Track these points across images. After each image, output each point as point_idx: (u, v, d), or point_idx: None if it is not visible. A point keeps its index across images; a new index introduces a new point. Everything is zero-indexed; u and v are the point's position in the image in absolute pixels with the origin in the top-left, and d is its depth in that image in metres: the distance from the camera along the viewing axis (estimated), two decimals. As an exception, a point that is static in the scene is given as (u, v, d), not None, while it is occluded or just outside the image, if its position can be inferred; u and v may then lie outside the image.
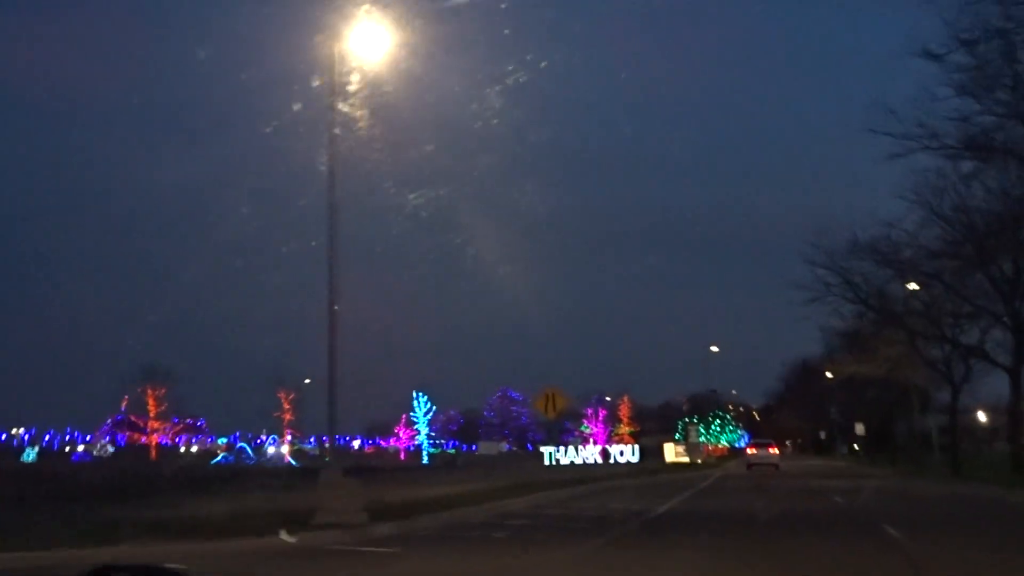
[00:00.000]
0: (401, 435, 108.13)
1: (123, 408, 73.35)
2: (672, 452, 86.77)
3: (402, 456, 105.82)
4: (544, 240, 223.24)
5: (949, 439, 56.21)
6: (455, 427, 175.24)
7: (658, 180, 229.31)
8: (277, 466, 68.71)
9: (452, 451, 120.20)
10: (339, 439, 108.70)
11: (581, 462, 78.71)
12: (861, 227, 43.94)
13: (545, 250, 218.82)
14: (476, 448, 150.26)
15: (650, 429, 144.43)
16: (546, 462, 78.50)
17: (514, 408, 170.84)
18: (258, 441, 77.00)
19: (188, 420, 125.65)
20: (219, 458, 72.92)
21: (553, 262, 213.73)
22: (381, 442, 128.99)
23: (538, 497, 29.68)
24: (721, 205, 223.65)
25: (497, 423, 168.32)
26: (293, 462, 74.94)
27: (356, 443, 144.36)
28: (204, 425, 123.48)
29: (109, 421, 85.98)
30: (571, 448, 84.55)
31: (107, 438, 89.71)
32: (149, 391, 71.69)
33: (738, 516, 23.09)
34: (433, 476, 49.39)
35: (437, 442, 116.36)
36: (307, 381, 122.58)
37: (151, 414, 72.35)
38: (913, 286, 45.62)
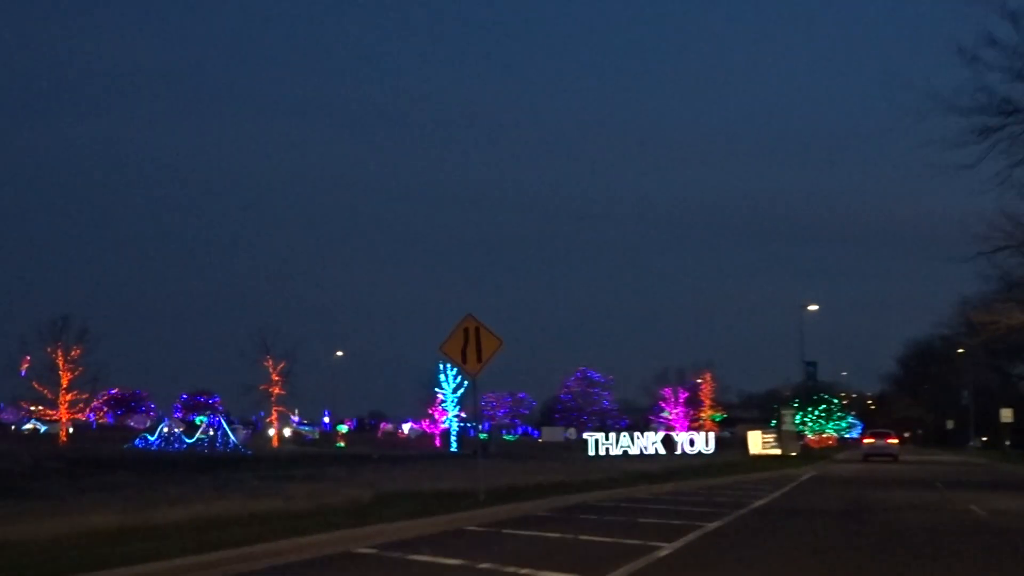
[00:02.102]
0: (436, 417, 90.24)
1: (23, 372, 57.15)
2: (758, 442, 67.42)
3: (437, 441, 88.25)
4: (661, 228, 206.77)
5: None
6: (527, 411, 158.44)
7: (779, 165, 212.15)
8: (215, 452, 51.92)
9: (485, 436, 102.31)
10: (371, 420, 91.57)
11: (638, 453, 61.83)
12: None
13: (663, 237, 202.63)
14: (538, 434, 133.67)
15: (753, 417, 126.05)
16: (590, 452, 62.05)
17: (594, 390, 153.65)
18: (211, 420, 60.39)
19: (199, 396, 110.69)
20: (136, 441, 56.17)
21: (667, 248, 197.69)
22: (416, 425, 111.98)
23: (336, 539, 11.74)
24: (840, 190, 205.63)
25: (575, 407, 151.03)
26: (241, 447, 57.77)
27: (406, 427, 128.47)
28: (218, 403, 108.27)
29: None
30: (626, 436, 66.48)
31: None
32: (59, 352, 55.09)
33: None
34: (390, 471, 31.08)
35: (473, 426, 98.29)
36: (339, 354, 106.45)
37: (62, 383, 55.63)
38: None
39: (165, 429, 57.54)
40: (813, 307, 69.07)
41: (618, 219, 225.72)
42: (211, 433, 56.38)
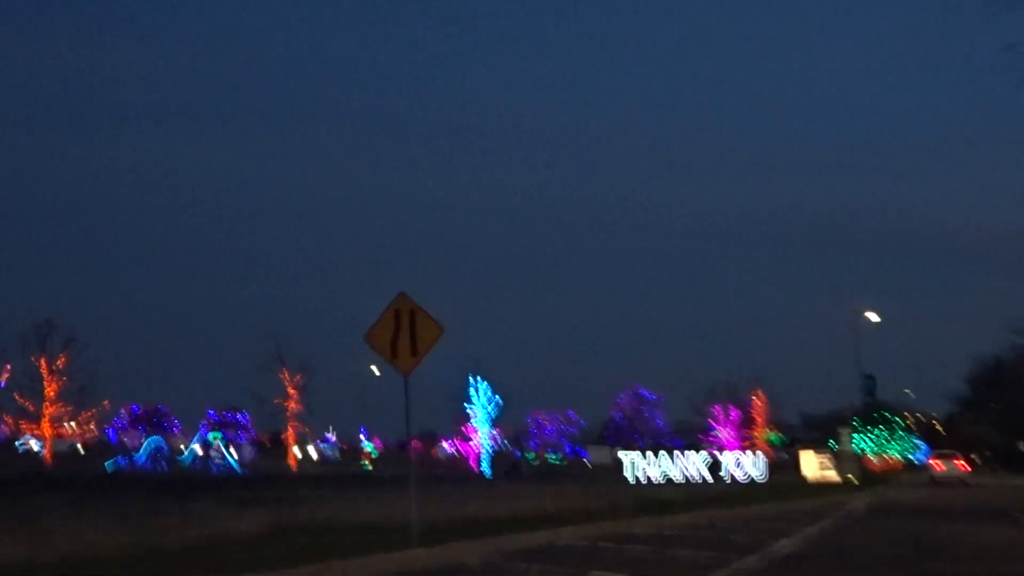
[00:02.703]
0: (470, 436, 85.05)
1: (2, 383, 52.80)
2: (813, 464, 61.20)
3: (472, 462, 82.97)
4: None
5: None
6: (575, 430, 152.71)
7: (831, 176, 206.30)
8: (204, 472, 47.41)
9: (526, 458, 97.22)
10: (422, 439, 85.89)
11: (681, 477, 55.92)
12: None
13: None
14: (586, 454, 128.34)
15: (814, 438, 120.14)
16: (628, 476, 56.21)
17: (645, 408, 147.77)
18: (212, 436, 56.04)
19: (227, 413, 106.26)
20: (113, 460, 51.57)
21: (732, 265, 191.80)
22: (450, 444, 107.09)
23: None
24: (891, 204, 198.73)
25: (627, 426, 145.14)
26: (236, 466, 53.15)
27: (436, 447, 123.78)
28: (248, 420, 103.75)
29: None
30: (665, 456, 60.75)
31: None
32: (43, 361, 50.62)
33: None
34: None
35: (500, 446, 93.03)
36: (373, 367, 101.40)
37: (47, 394, 51.13)
38: None
39: (153, 447, 53.21)
40: (873, 315, 63.10)
41: (668, 230, 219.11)
42: (223, 451, 52.10)
